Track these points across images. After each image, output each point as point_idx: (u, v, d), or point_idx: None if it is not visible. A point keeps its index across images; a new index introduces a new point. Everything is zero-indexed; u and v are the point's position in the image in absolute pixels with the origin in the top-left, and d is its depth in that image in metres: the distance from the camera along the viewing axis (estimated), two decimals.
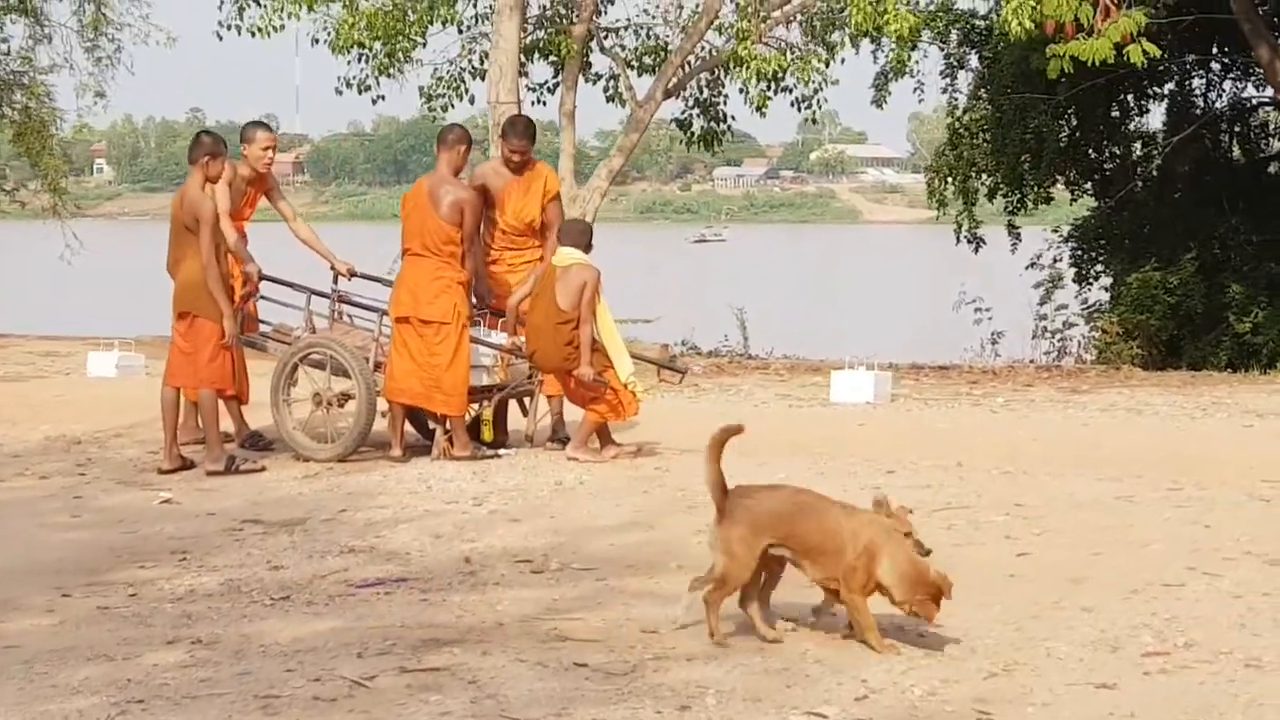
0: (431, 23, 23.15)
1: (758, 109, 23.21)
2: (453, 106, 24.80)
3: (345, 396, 12.99)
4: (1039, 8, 18.88)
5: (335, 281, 13.61)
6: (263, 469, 12.47)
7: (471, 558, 9.49)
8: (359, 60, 23.54)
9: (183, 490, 11.79)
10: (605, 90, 24.32)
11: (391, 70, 23.73)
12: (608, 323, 12.74)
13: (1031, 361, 25.84)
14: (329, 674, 7.10)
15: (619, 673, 7.15)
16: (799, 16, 23.39)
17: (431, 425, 13.00)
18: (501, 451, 12.91)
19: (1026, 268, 31.35)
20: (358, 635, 7.72)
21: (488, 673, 7.11)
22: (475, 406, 13.08)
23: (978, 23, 29.71)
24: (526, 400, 13.46)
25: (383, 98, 24.16)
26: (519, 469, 12.28)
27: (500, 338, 13.25)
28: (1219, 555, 9.40)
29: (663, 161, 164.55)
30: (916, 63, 30.04)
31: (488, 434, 13.16)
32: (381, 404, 12.83)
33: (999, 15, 20.74)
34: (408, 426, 12.99)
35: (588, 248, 12.91)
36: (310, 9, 21.43)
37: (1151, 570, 9.01)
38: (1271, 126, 31.89)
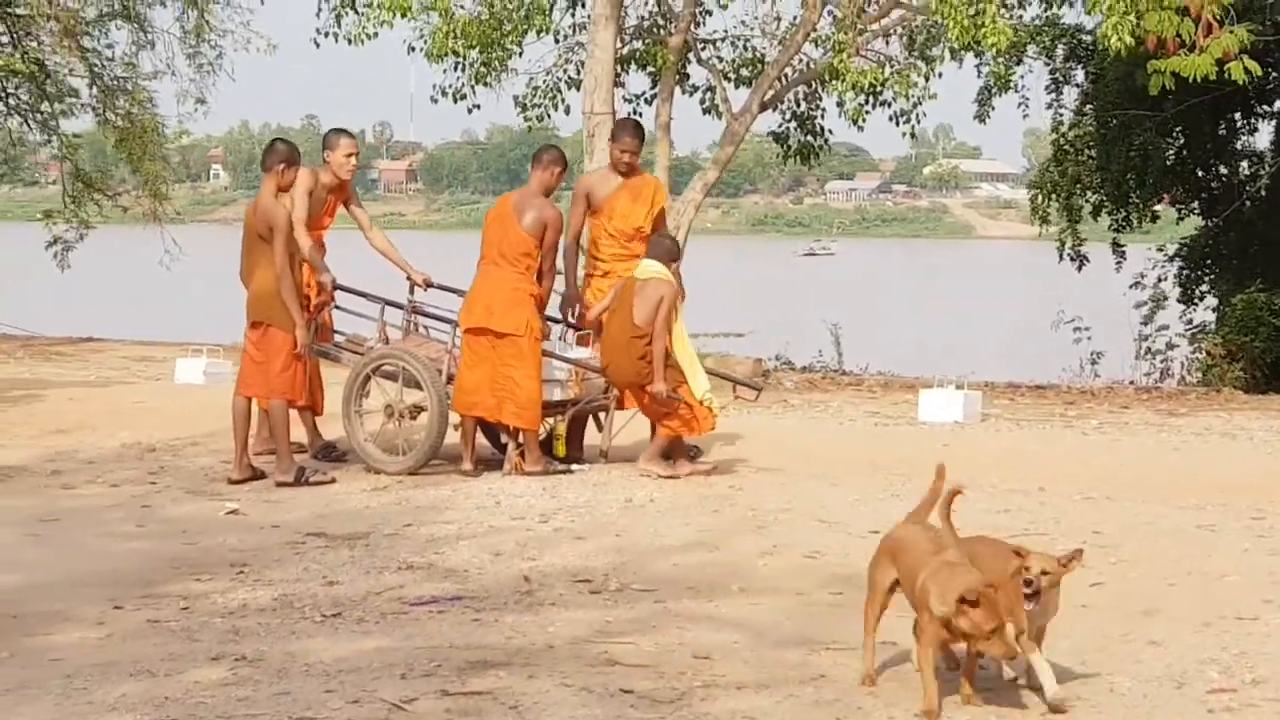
0: (527, 32, 23.02)
1: (854, 122, 22.97)
2: (549, 116, 24.67)
3: (418, 409, 12.85)
4: (1140, 23, 18.56)
5: (411, 292, 13.50)
6: (332, 481, 12.38)
7: (530, 576, 9.34)
8: (455, 69, 23.48)
9: (250, 501, 11.69)
10: (702, 102, 24.12)
11: (489, 79, 23.64)
12: (682, 338, 12.55)
13: (1131, 383, 25.42)
14: (369, 695, 6.97)
15: (665, 700, 6.98)
16: (898, 30, 23.15)
17: (504, 439, 12.87)
18: (574, 467, 12.76)
19: (1130, 287, 30.91)
20: (404, 655, 7.58)
21: (531, 698, 6.95)
22: (549, 421, 12.94)
23: (1084, 38, 29.32)
24: (602, 415, 13.28)
25: (478, 107, 24.10)
26: (590, 485, 12.15)
27: (581, 353, 13.11)
28: None
29: (775, 174, 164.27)
30: (1021, 77, 29.82)
31: (560, 449, 13.05)
32: (454, 416, 12.70)
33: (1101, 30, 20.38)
34: (481, 439, 12.86)
35: (671, 262, 12.72)
36: (404, 15, 21.30)
37: (1225, 603, 8.75)
38: None
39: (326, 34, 22.81)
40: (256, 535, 10.56)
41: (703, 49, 24.03)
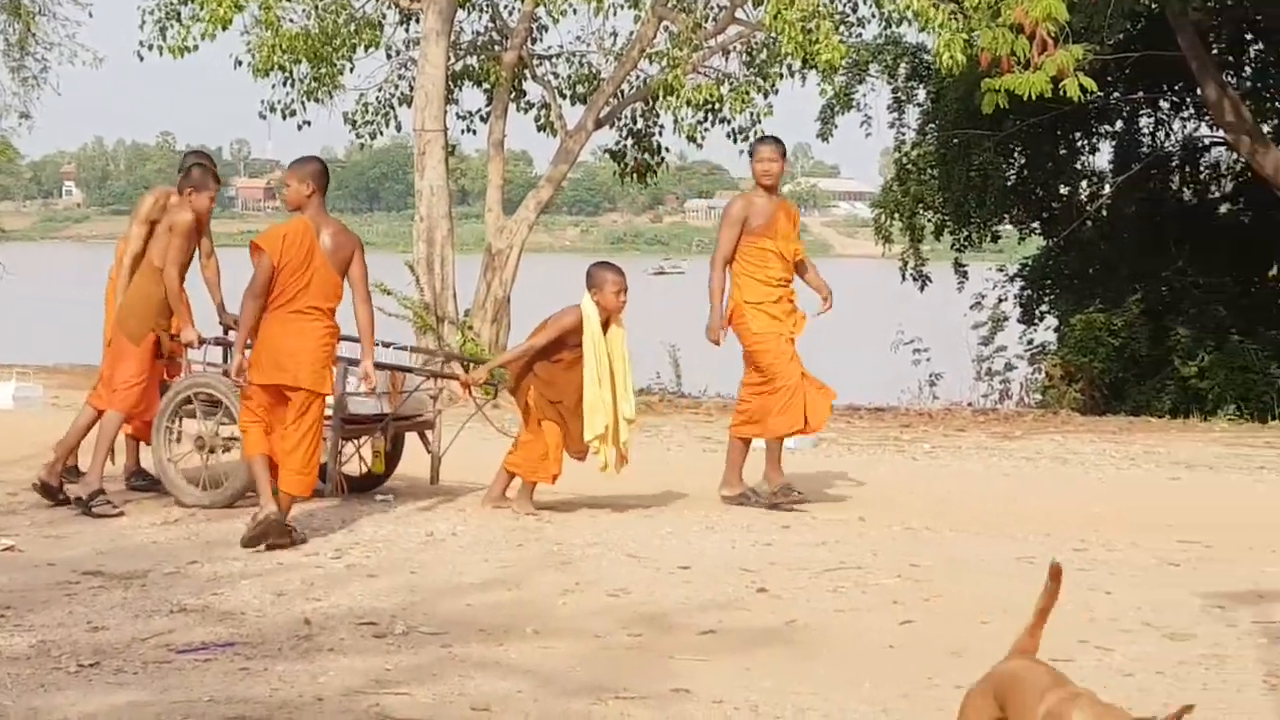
0: (357, 47, 22.55)
1: (691, 139, 22.70)
2: (381, 133, 24.27)
3: (233, 440, 12.22)
4: (972, 41, 18.36)
5: (225, 332, 12.92)
6: (119, 514, 11.74)
7: (312, 619, 8.78)
8: (284, 84, 22.96)
9: (30, 537, 11.02)
10: (537, 119, 23.75)
11: (319, 95, 23.13)
12: (595, 378, 11.80)
13: (969, 405, 25.22)
14: None
15: None
16: (736, 46, 22.86)
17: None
18: (379, 497, 12.25)
19: (971, 307, 30.83)
20: (156, 711, 7.03)
21: None
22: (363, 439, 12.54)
23: (925, 57, 29.14)
24: (429, 435, 12.76)
25: (309, 123, 23.54)
26: (391, 518, 11.62)
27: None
28: (1115, 626, 8.80)
29: (634, 193, 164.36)
30: (864, 96, 29.69)
31: (379, 466, 12.58)
32: None
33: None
34: None
35: (590, 289, 12.03)
36: (225, 28, 20.72)
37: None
38: (1222, 167, 31.38)
39: (151, 46, 22.13)
40: (27, 574, 9.90)
41: (538, 65, 23.69)
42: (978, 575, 10.11)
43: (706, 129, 22.95)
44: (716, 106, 22.44)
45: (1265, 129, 27.69)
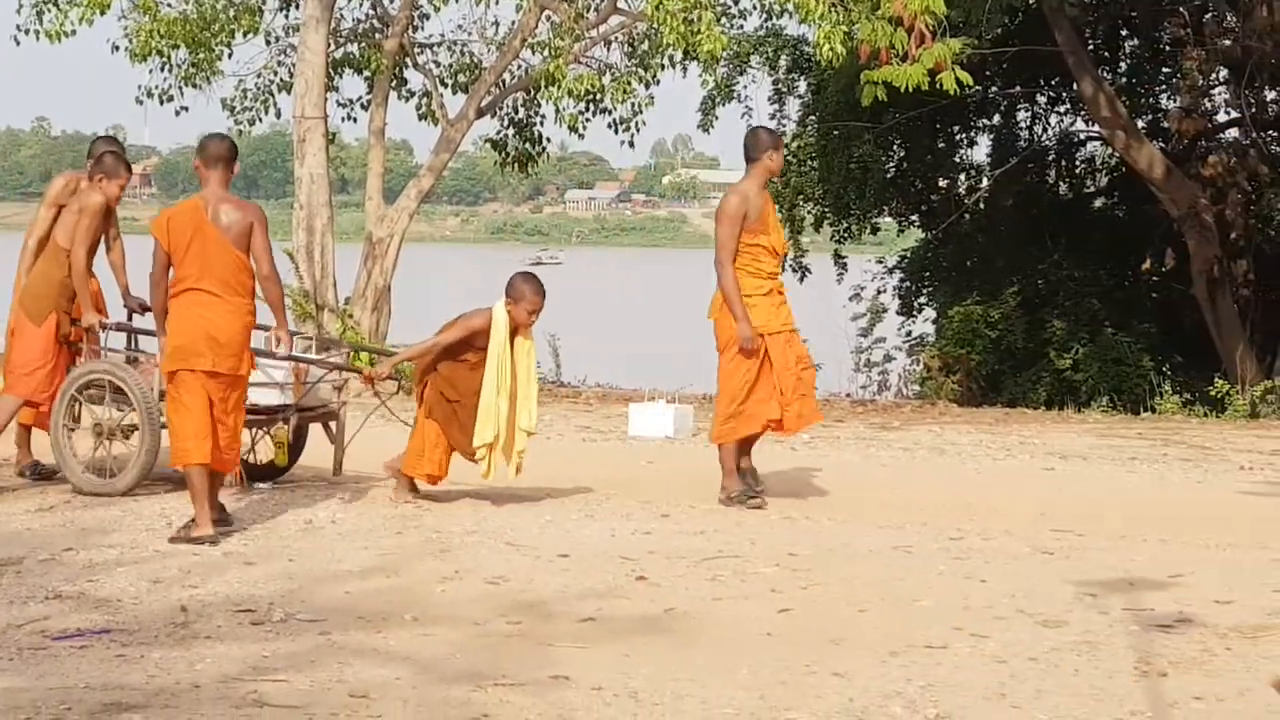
0: (235, 33, 22.36)
1: (572, 129, 22.70)
2: (259, 120, 24.09)
3: (131, 428, 12.07)
4: (852, 33, 18.47)
5: (129, 317, 12.77)
6: None
7: (189, 606, 8.73)
8: (162, 69, 22.75)
9: None
10: (418, 108, 23.67)
11: (197, 80, 22.94)
12: (493, 383, 11.60)
13: (848, 395, 25.37)
14: None
15: None
16: (618, 37, 22.87)
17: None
18: (259, 485, 12.18)
19: (850, 299, 31.01)
20: (32, 697, 6.96)
21: None
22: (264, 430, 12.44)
23: (806, 49, 29.27)
24: (332, 425, 12.64)
25: (186, 109, 23.30)
26: (270, 505, 11.56)
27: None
28: (990, 614, 8.87)
29: (515, 183, 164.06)
30: (745, 87, 29.78)
31: (281, 458, 12.46)
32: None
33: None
34: None
35: (507, 296, 11.77)
36: (103, 12, 20.52)
37: (915, 630, 8.44)
38: (1097, 161, 31.75)
39: (27, 30, 21.88)
40: None
41: (419, 53, 23.61)
42: (855, 564, 10.17)
43: (588, 119, 22.96)
44: (598, 97, 22.44)
45: (1139, 124, 28.05)
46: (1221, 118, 28.81)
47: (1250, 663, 7.91)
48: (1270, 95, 28.49)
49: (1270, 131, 28.28)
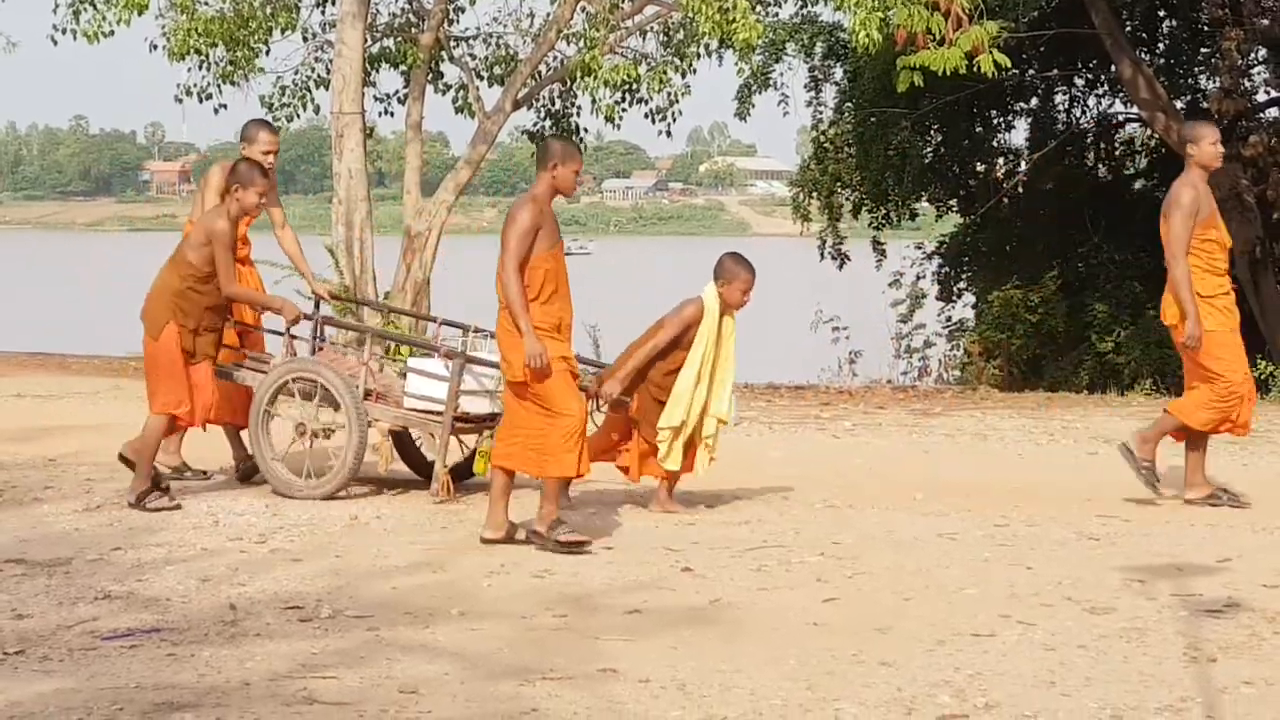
0: (273, 30, 22.37)
1: (609, 120, 22.66)
2: (298, 116, 24.07)
3: (331, 429, 11.92)
4: (889, 19, 18.43)
5: (317, 307, 12.68)
6: (176, 507, 11.38)
7: (237, 604, 8.76)
8: (200, 68, 22.79)
9: None
10: (455, 101, 23.67)
11: (235, 78, 22.97)
12: (690, 367, 11.48)
13: (889, 382, 25.32)
14: None
15: None
16: (653, 26, 22.84)
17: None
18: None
19: (889, 285, 30.97)
20: (84, 698, 7.00)
21: None
22: (475, 438, 12.18)
23: (841, 35, 29.25)
24: None
25: (225, 106, 23.33)
26: (314, 503, 11.57)
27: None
28: (1037, 601, 8.86)
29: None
30: (781, 75, 29.76)
31: (481, 467, 11.86)
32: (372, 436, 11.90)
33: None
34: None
35: (716, 280, 11.69)
36: (141, 12, 20.56)
37: (962, 618, 8.44)
38: (1136, 143, 31.64)
39: (64, 30, 21.93)
40: None
41: (455, 46, 23.57)
42: (900, 552, 10.16)
43: (624, 109, 22.90)
44: (634, 87, 22.41)
45: (1179, 105, 27.91)
46: (1261, 97, 28.64)
47: None
48: None
49: None
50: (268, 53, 22.75)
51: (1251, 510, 11.82)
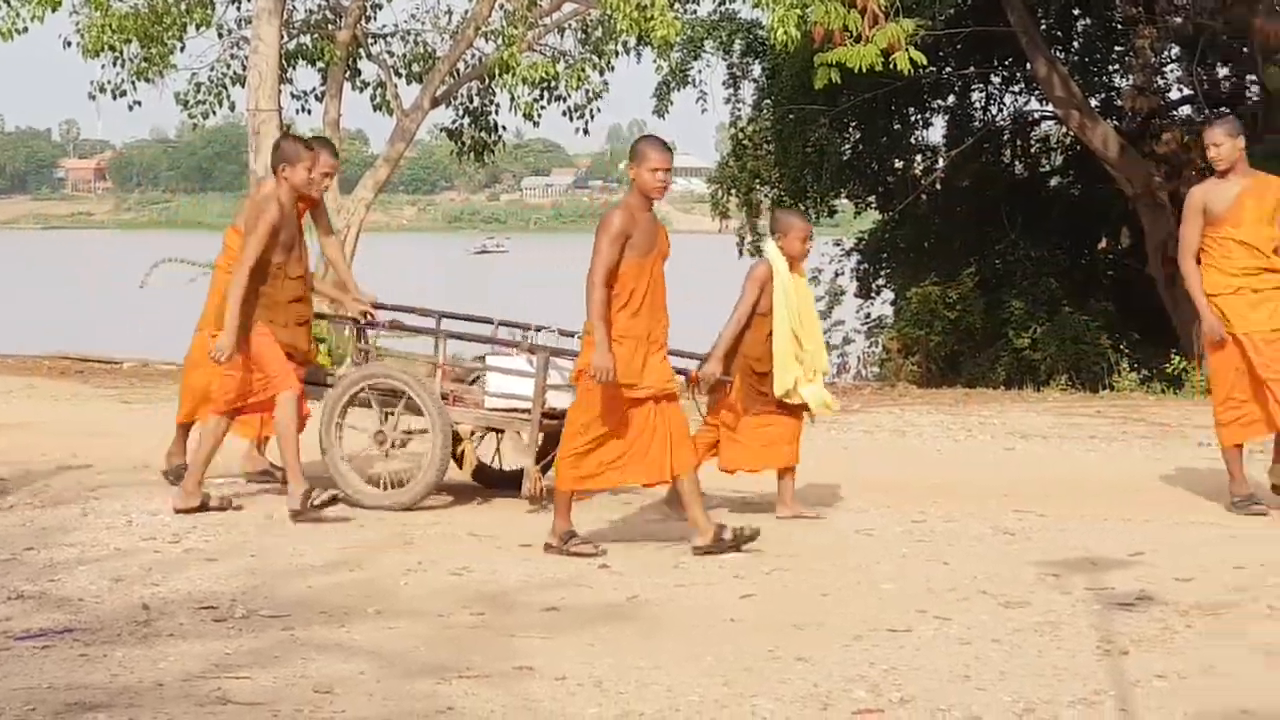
0: (188, 26, 22.27)
1: (528, 117, 22.68)
2: (214, 113, 24.02)
3: (408, 435, 11.67)
4: (806, 16, 18.48)
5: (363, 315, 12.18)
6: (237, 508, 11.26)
7: (150, 604, 8.69)
8: (115, 64, 22.66)
9: None
10: (373, 99, 23.65)
11: (149, 75, 22.84)
12: (781, 324, 11.30)
13: None
14: None
15: None
16: (571, 24, 22.88)
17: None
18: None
19: (808, 281, 31.02)
20: None
21: None
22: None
23: (760, 33, 29.33)
24: None
25: (139, 103, 23.27)
26: (230, 501, 11.51)
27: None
28: (953, 596, 8.89)
29: (471, 171, 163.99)
30: (699, 72, 29.82)
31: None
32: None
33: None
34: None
35: (773, 234, 11.64)
36: (54, 9, 20.44)
37: (879, 614, 8.46)
38: (1052, 141, 31.84)
39: None
40: None
41: (372, 44, 23.59)
42: (818, 548, 10.20)
43: (543, 107, 22.96)
44: (552, 84, 22.47)
45: (1093, 103, 28.12)
46: (1174, 95, 28.90)
47: (1211, 640, 7.95)
48: (1222, 72, 28.61)
49: (1223, 108, 28.34)
50: (183, 49, 22.77)
51: (1163, 505, 11.91)
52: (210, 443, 11.13)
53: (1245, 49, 25.77)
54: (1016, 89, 31.05)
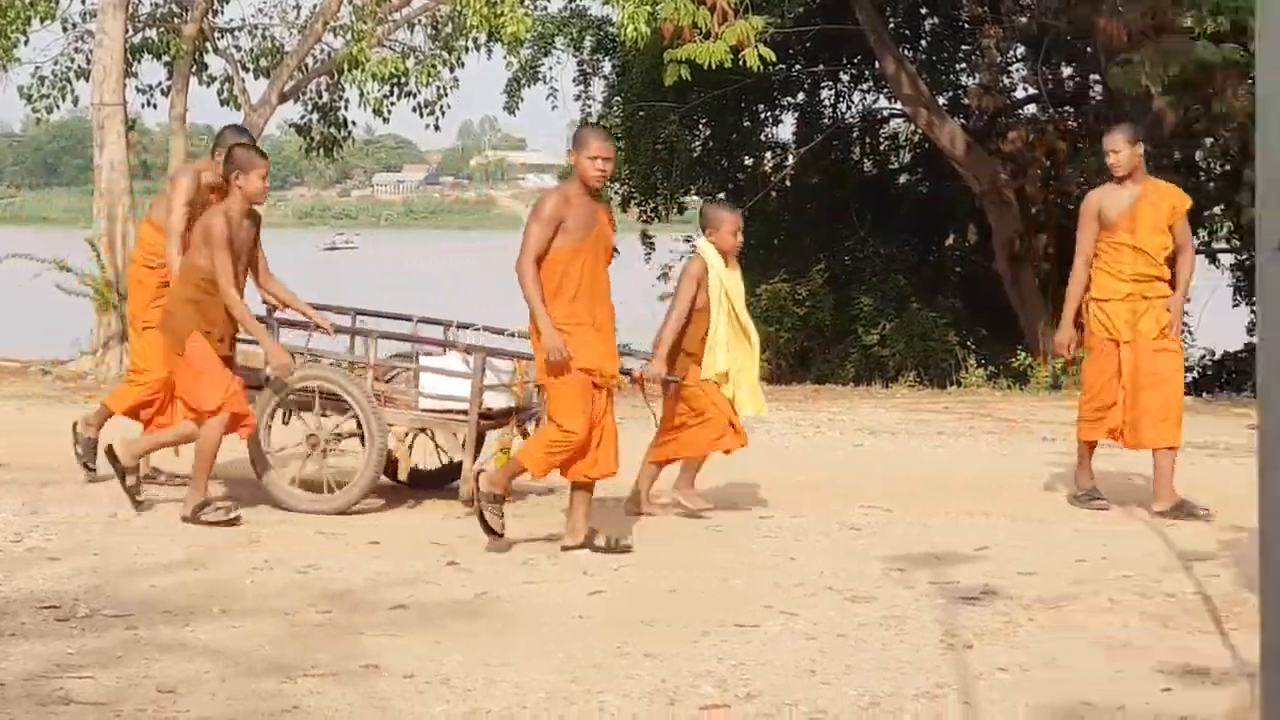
0: (31, 19, 21.95)
1: (377, 113, 22.57)
2: (58, 107, 23.66)
3: (340, 437, 11.42)
4: (656, 12, 18.52)
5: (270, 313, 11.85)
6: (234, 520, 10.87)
7: None
8: None
9: None
10: (220, 93, 23.41)
11: None
12: (716, 313, 11.41)
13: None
14: None
15: None
16: (422, 19, 22.79)
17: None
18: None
19: (658, 278, 31.12)
20: None
21: None
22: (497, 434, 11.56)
23: (610, 30, 29.39)
24: (532, 427, 11.53)
25: None
26: (77, 498, 11.39)
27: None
28: (800, 591, 8.95)
29: (321, 167, 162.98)
30: (550, 69, 29.81)
31: (502, 463, 10.92)
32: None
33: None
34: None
35: (704, 229, 11.72)
36: None
37: (726, 609, 8.50)
38: (901, 139, 32.11)
39: None
40: None
41: (219, 38, 23.33)
42: (667, 545, 10.23)
43: (393, 103, 22.86)
44: (402, 80, 22.36)
45: (941, 101, 28.38)
46: (1020, 94, 29.23)
47: (1053, 633, 8.05)
48: (1066, 71, 28.96)
49: (1067, 107, 28.72)
50: (26, 42, 22.36)
51: (1008, 500, 12.03)
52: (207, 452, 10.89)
53: (1089, 49, 26.08)
54: (865, 87, 31.31)
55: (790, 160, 30.99)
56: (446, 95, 23.20)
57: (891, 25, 28.55)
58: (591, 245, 10.05)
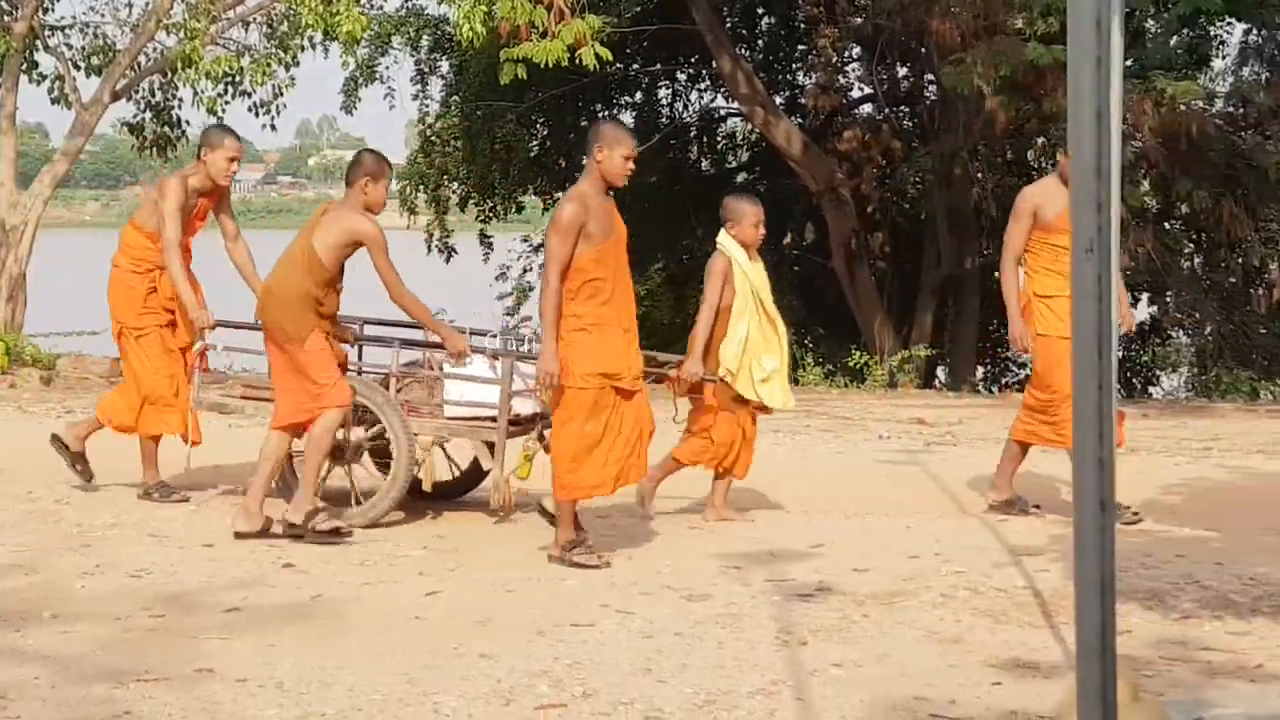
0: None
1: (211, 112, 22.35)
2: None
3: (360, 449, 11.08)
4: (492, 12, 18.49)
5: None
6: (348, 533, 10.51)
7: None
8: None
9: None
10: (50, 92, 23.07)
11: None
12: (739, 308, 11.19)
13: None
14: None
15: None
16: (257, 18, 22.61)
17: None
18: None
19: (496, 278, 31.15)
20: None
21: None
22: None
23: (448, 29, 29.30)
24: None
25: None
26: None
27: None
28: (636, 590, 8.97)
29: (156, 166, 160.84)
30: (387, 68, 29.70)
31: (525, 472, 10.68)
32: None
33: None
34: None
35: (726, 223, 11.44)
36: None
37: (563, 609, 8.50)
38: (738, 137, 32.28)
39: None
40: None
41: (50, 36, 23.00)
42: (503, 545, 10.23)
43: (227, 102, 22.66)
44: (237, 79, 22.17)
45: (777, 100, 28.56)
46: (856, 94, 29.48)
47: (886, 628, 8.13)
48: (901, 71, 29.23)
49: (902, 107, 29.00)
50: None
51: (844, 498, 12.13)
52: (272, 461, 10.56)
53: (923, 49, 26.37)
54: (703, 86, 31.44)
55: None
56: (283, 94, 23.04)
57: (728, 25, 28.70)
58: (613, 247, 9.85)
